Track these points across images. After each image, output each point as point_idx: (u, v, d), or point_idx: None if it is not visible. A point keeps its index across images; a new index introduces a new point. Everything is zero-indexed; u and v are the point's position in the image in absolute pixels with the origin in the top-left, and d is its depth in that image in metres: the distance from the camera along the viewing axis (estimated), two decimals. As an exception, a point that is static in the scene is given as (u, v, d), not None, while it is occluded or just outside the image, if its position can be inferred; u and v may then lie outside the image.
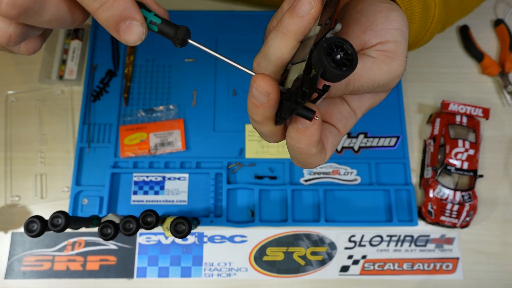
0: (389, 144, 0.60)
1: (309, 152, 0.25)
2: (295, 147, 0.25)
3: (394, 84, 0.28)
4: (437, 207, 0.56)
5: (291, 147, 0.25)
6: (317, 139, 0.24)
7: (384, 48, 0.27)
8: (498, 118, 0.63)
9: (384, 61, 0.26)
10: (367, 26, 0.27)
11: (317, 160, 0.27)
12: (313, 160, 0.26)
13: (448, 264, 0.56)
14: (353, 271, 0.56)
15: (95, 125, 0.61)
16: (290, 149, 0.26)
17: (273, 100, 0.22)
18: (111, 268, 0.55)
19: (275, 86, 0.22)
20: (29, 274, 0.55)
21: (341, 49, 0.20)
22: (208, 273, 0.55)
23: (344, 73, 0.20)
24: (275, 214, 0.58)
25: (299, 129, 0.24)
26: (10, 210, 0.58)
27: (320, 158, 0.26)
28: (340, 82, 0.25)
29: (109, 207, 0.57)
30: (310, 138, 0.24)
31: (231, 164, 0.59)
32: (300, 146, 0.25)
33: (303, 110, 0.22)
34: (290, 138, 0.25)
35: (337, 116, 0.28)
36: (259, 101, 0.23)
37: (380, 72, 0.26)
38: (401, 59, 0.27)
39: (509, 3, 0.69)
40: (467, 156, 0.56)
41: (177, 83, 0.63)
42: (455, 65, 0.66)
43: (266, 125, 0.25)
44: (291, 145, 0.25)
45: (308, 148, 0.25)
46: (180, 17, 0.66)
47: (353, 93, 0.27)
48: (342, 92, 0.26)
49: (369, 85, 0.26)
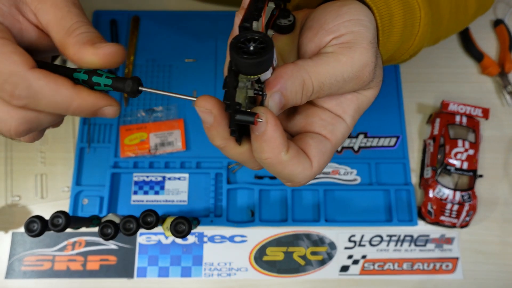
0: (389, 144, 0.61)
1: (280, 160, 0.24)
2: (263, 159, 0.24)
3: (365, 76, 0.26)
4: (437, 207, 0.56)
5: (261, 161, 0.24)
6: (280, 142, 0.23)
7: (340, 41, 0.26)
8: (497, 118, 0.63)
9: (341, 52, 0.25)
10: (319, 28, 0.27)
11: (299, 169, 0.25)
12: (293, 169, 0.24)
13: (447, 264, 0.56)
14: (353, 271, 0.56)
15: (95, 125, 0.61)
16: (263, 164, 0.25)
17: (218, 115, 0.23)
18: (111, 268, 0.55)
19: (215, 101, 0.23)
20: (30, 274, 0.55)
21: (253, 41, 0.21)
22: (208, 273, 0.55)
23: (257, 60, 0.20)
24: (275, 214, 0.58)
25: (257, 137, 0.23)
26: (10, 210, 0.58)
27: (301, 166, 0.25)
28: (294, 84, 0.24)
29: (109, 207, 0.57)
30: (271, 143, 0.23)
31: (231, 164, 0.59)
32: (267, 156, 0.23)
33: (243, 114, 0.22)
34: (255, 151, 0.24)
35: (320, 124, 0.27)
36: (208, 122, 0.23)
37: (339, 64, 0.25)
38: (363, 47, 0.25)
39: (508, 3, 0.69)
40: (466, 156, 0.57)
41: (177, 83, 0.63)
42: (454, 65, 0.66)
43: (231, 148, 0.25)
44: (260, 159, 0.24)
45: (276, 155, 0.23)
46: (180, 17, 0.66)
47: (320, 95, 0.25)
48: (303, 95, 0.25)
49: (332, 81, 0.25)
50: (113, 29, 0.65)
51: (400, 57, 0.35)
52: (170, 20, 0.66)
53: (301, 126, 0.28)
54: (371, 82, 0.27)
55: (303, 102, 0.25)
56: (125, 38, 0.65)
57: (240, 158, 0.26)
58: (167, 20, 0.66)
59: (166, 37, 0.65)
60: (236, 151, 0.25)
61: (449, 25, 0.40)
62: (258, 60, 0.20)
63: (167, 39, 0.65)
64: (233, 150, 0.25)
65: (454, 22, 0.40)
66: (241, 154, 0.25)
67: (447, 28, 0.40)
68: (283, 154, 0.23)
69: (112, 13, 0.66)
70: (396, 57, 0.35)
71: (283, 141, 0.23)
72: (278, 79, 0.23)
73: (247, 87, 0.22)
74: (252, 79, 0.22)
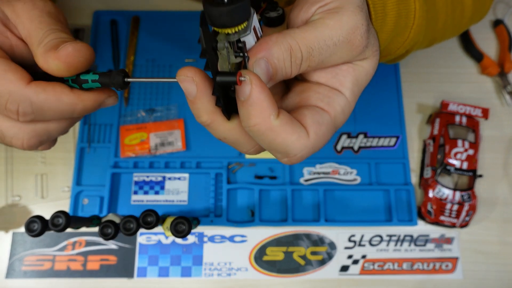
0: (389, 144, 0.61)
1: (270, 125, 0.21)
2: (252, 127, 0.22)
3: (358, 39, 0.24)
4: (437, 207, 0.56)
5: (250, 129, 0.22)
6: (267, 105, 0.21)
7: (326, 8, 0.24)
8: (497, 118, 0.63)
9: (328, 17, 0.24)
10: (304, 3, 0.25)
11: (294, 138, 0.22)
12: (287, 138, 0.22)
13: (447, 264, 0.56)
14: (353, 271, 0.56)
15: (95, 125, 0.61)
16: (254, 134, 0.22)
17: (200, 83, 0.22)
18: (112, 267, 0.55)
19: (196, 70, 0.22)
20: (30, 273, 0.55)
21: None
22: (208, 272, 0.55)
23: (230, 6, 0.19)
24: (275, 214, 0.58)
25: (243, 102, 0.21)
26: (10, 210, 0.58)
27: (296, 134, 0.22)
28: (280, 50, 0.22)
29: (109, 207, 0.57)
30: (258, 106, 0.21)
31: (231, 164, 0.59)
32: (255, 121, 0.21)
33: (224, 75, 0.20)
34: (242, 120, 0.22)
35: (315, 97, 0.25)
36: (191, 94, 0.22)
37: (327, 28, 0.23)
38: (351, 10, 0.24)
39: (508, 4, 0.69)
40: (466, 156, 0.57)
41: (177, 83, 0.63)
42: (454, 65, 0.66)
43: (219, 123, 0.23)
44: (248, 127, 0.22)
45: (264, 119, 0.21)
46: (180, 17, 0.66)
47: (312, 63, 0.24)
48: (292, 64, 0.23)
49: (322, 46, 0.23)
50: (113, 29, 0.65)
51: (395, 51, 0.35)
52: (170, 20, 0.66)
53: (295, 103, 0.26)
54: (366, 49, 0.25)
55: (294, 73, 0.24)
56: (125, 38, 0.65)
57: (230, 137, 0.24)
58: (167, 20, 0.66)
59: (166, 37, 0.66)
60: (225, 127, 0.23)
61: (445, 27, 0.40)
62: (232, 7, 0.19)
63: (167, 39, 0.65)
64: (222, 126, 0.23)
65: (450, 24, 0.40)
66: (231, 131, 0.24)
67: (443, 29, 0.40)
68: (272, 118, 0.21)
69: (112, 13, 0.66)
70: (391, 51, 0.35)
71: (271, 104, 0.21)
72: (262, 45, 0.22)
73: (228, 51, 0.21)
74: (231, 38, 0.21)
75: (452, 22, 0.40)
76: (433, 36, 0.40)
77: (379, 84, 0.64)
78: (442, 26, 0.39)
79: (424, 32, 0.35)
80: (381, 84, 0.64)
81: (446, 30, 0.41)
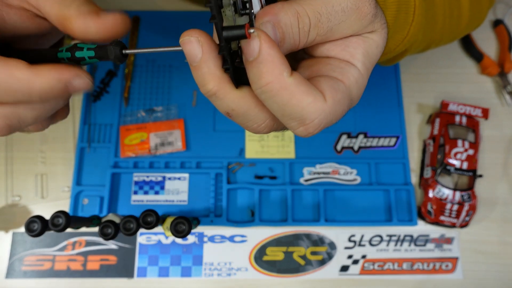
0: (389, 144, 0.61)
1: (284, 83, 0.20)
2: (264, 87, 0.20)
3: (366, 7, 0.23)
4: (437, 207, 0.56)
5: (262, 90, 0.20)
6: (279, 62, 0.20)
7: None
8: (497, 118, 0.63)
9: None
10: None
11: (310, 99, 0.21)
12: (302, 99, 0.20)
13: (447, 264, 0.56)
14: (353, 271, 0.56)
15: (95, 125, 0.61)
16: (266, 96, 0.21)
17: (205, 44, 0.20)
18: (112, 267, 0.55)
19: (201, 31, 0.20)
20: (30, 273, 0.55)
21: None
22: (208, 272, 0.55)
23: None
24: (275, 214, 0.58)
25: (253, 62, 0.20)
26: (11, 210, 0.58)
27: (311, 96, 0.21)
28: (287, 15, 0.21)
29: (109, 207, 0.57)
30: (269, 63, 0.20)
31: (231, 164, 0.59)
32: (267, 79, 0.20)
33: (230, 29, 0.19)
34: (253, 82, 0.21)
35: (327, 68, 0.24)
36: (196, 56, 0.20)
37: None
38: None
39: (508, 4, 0.69)
40: (466, 156, 0.57)
41: (177, 83, 0.63)
42: (454, 65, 0.66)
43: (227, 91, 0.21)
44: (260, 88, 0.20)
45: (277, 77, 0.20)
46: (180, 17, 0.66)
47: (320, 31, 0.22)
48: (300, 30, 0.22)
49: (330, 11, 0.22)
50: (113, 29, 0.65)
51: (395, 49, 0.35)
52: (170, 20, 0.66)
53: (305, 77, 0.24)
54: (375, 20, 0.24)
55: (302, 42, 0.22)
56: (125, 38, 0.65)
57: (239, 108, 0.22)
58: (167, 20, 0.66)
59: (166, 37, 0.66)
60: (234, 95, 0.21)
61: (443, 30, 0.40)
62: None
63: (167, 39, 0.65)
64: (230, 94, 0.21)
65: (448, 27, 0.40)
66: (240, 100, 0.22)
67: (441, 32, 0.40)
68: (285, 75, 0.20)
69: (112, 13, 0.66)
70: (391, 48, 0.35)
71: (282, 61, 0.20)
72: (268, 10, 0.21)
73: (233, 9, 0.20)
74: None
75: (450, 25, 0.40)
76: (431, 38, 0.40)
77: (379, 84, 0.64)
78: (440, 28, 0.39)
79: (423, 30, 0.35)
80: (381, 84, 0.64)
81: (444, 34, 0.41)
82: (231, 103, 0.22)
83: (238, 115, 0.23)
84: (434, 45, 0.43)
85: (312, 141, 0.61)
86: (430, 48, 0.43)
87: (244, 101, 0.22)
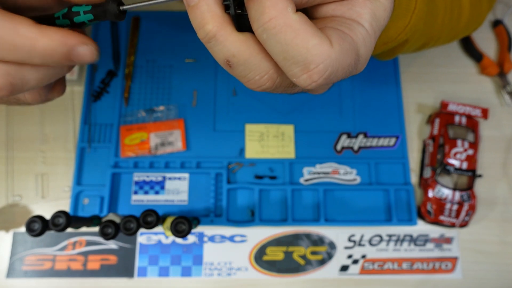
0: (389, 144, 0.61)
1: (288, 20, 0.19)
2: (267, 23, 0.19)
3: None
4: (436, 206, 0.56)
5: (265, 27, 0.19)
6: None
7: None
8: (497, 118, 0.63)
9: None
10: None
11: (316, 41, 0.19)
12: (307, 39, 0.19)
13: (447, 264, 0.56)
14: (353, 271, 0.56)
15: (96, 125, 0.61)
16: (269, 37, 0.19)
17: None
18: (112, 267, 0.55)
19: None
20: (31, 273, 0.55)
21: None
22: (208, 272, 0.55)
23: None
24: (275, 213, 0.58)
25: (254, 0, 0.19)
26: (11, 210, 0.58)
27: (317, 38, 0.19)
28: None
29: (109, 206, 0.57)
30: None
31: (231, 164, 0.60)
32: (270, 15, 0.18)
33: None
34: (255, 19, 0.19)
35: (334, 23, 0.22)
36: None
37: None
38: None
39: (507, 4, 0.69)
40: (466, 156, 0.57)
41: (177, 83, 0.63)
42: (454, 66, 0.66)
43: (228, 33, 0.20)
44: (263, 24, 0.19)
45: (281, 12, 0.18)
46: (180, 17, 0.66)
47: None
48: None
49: None
50: (113, 29, 0.65)
51: (396, 37, 0.35)
52: (170, 20, 0.67)
53: None
54: None
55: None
56: (125, 38, 0.65)
57: (241, 54, 0.20)
58: (167, 20, 0.66)
59: (166, 37, 0.66)
60: (236, 38, 0.20)
61: (443, 27, 0.40)
62: None
63: (167, 39, 0.66)
64: (231, 36, 0.20)
65: (448, 24, 0.41)
66: (242, 44, 0.20)
67: (441, 28, 0.40)
68: (290, 10, 0.19)
69: (113, 14, 0.66)
70: (393, 37, 0.35)
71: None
72: None
73: None
74: None
75: (449, 22, 0.41)
76: (431, 34, 0.40)
77: (379, 84, 0.64)
78: (440, 24, 0.39)
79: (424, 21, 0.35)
80: (381, 84, 0.64)
81: (443, 31, 0.41)
82: (232, 47, 0.20)
83: (239, 63, 0.21)
84: (432, 42, 0.43)
85: (312, 141, 0.61)
86: (429, 45, 0.43)
87: (247, 45, 0.20)
